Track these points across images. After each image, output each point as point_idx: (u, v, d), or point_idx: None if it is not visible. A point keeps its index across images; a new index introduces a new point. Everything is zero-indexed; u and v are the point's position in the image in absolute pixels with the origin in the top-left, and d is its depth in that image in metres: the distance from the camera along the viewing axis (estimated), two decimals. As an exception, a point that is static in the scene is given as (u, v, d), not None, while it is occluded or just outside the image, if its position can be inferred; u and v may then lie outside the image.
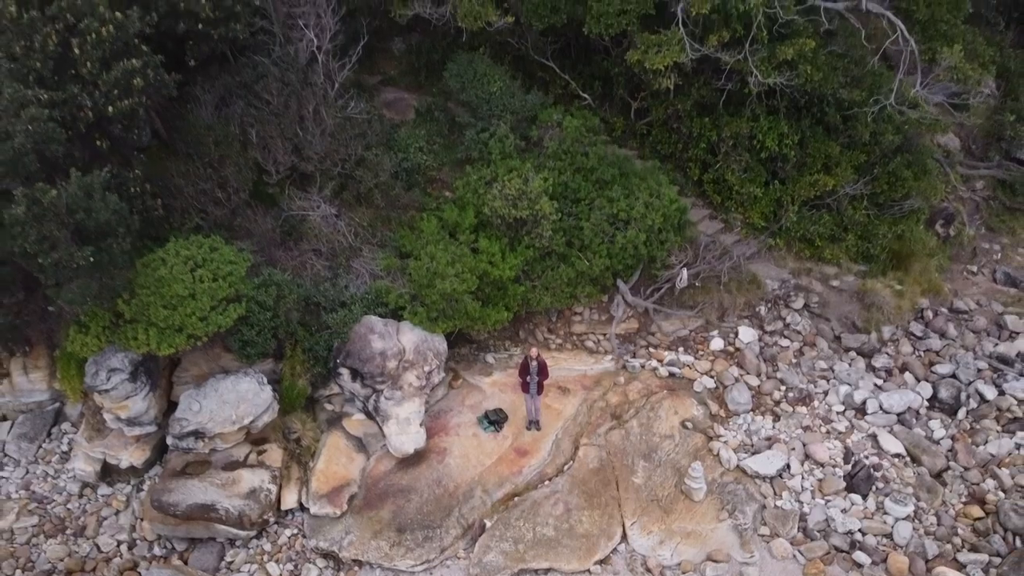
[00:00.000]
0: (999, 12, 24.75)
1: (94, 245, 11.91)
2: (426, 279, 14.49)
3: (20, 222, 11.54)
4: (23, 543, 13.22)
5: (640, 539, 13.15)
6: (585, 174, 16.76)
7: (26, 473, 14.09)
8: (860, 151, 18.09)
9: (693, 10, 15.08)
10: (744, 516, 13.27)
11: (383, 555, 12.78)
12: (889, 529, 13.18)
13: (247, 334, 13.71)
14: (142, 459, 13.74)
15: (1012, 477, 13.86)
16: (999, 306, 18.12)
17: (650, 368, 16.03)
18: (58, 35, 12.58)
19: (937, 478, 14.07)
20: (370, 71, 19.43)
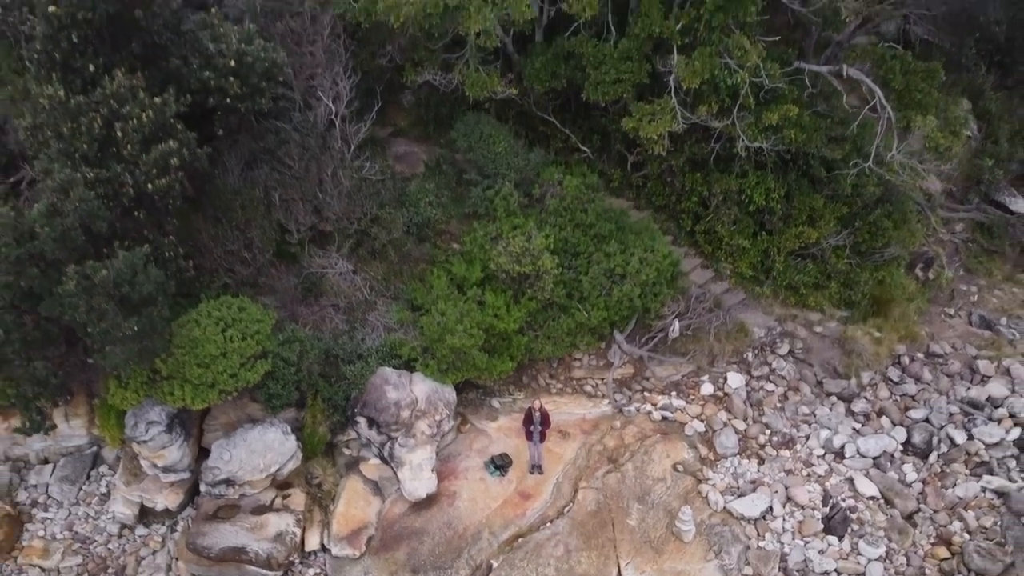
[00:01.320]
0: (980, 57, 25.92)
1: (137, 315, 13.10)
2: (437, 334, 15.69)
3: (72, 296, 12.74)
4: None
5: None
6: (584, 229, 17.97)
7: (69, 515, 15.29)
8: (843, 203, 19.25)
9: (684, 84, 16.27)
10: (729, 557, 14.47)
11: (399, 594, 14.00)
12: (862, 569, 14.38)
13: (273, 388, 14.91)
14: (176, 502, 14.95)
15: (977, 519, 15.07)
16: (973, 349, 19.30)
17: (644, 412, 17.22)
18: (102, 119, 13.78)
19: (908, 520, 15.25)
20: (382, 123, 20.50)
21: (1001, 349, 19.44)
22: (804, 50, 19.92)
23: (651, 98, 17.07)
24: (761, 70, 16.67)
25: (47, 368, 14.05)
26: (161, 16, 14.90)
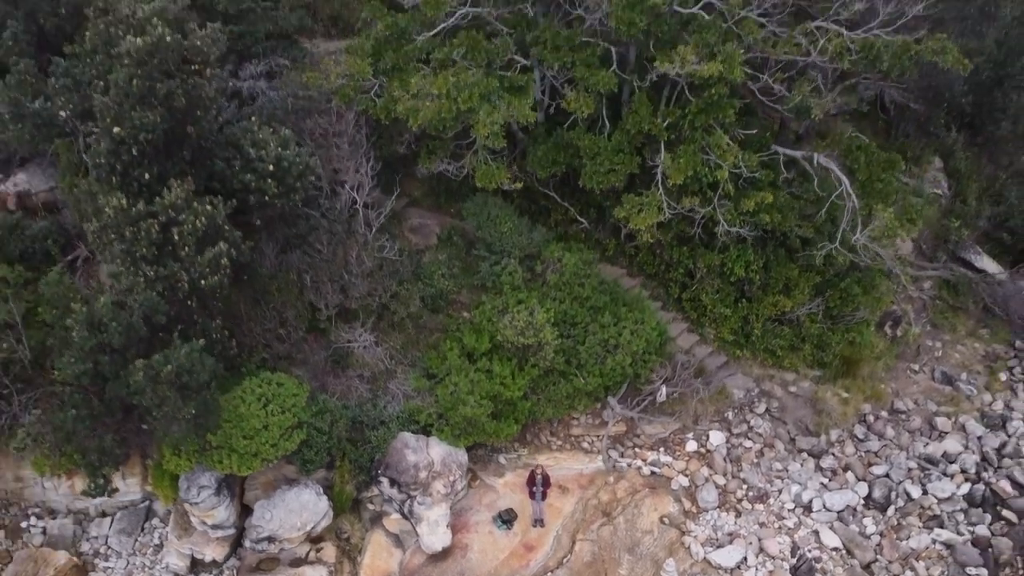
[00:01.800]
0: (951, 118, 27.92)
1: (194, 399, 15.17)
2: (450, 403, 17.77)
3: (139, 385, 14.82)
4: (130, 626, 16.53)
5: (624, 624, 16.44)
6: (581, 302, 20.02)
7: (127, 564, 17.38)
8: (816, 272, 21.27)
9: (670, 180, 18.32)
10: (708, 603, 16.55)
11: (419, 637, 16.08)
12: (824, 616, 16.45)
13: (307, 454, 16.99)
14: (223, 554, 17.04)
15: (927, 569, 17.11)
16: (934, 405, 21.37)
17: (635, 467, 19.29)
18: (160, 225, 15.84)
19: (866, 569, 17.31)
20: (398, 184, 22.64)
21: (959, 405, 21.53)
22: (781, 134, 22.01)
23: (640, 190, 19.09)
24: (740, 161, 18.72)
25: (114, 441, 16.15)
26: (209, 128, 16.99)
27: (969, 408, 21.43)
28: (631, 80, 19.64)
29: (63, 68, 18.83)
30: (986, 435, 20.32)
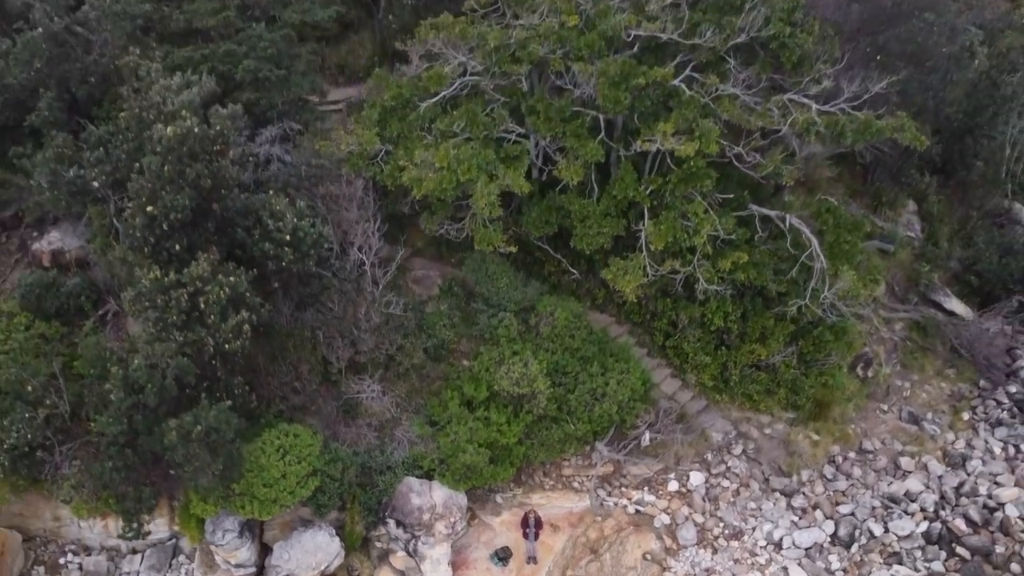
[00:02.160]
0: (924, 163, 29.42)
1: (221, 454, 16.87)
2: (451, 451, 19.48)
3: (172, 444, 16.53)
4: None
5: (609, 652, 18.12)
6: (572, 352, 21.69)
7: (157, 599, 19.08)
8: (790, 321, 22.90)
9: (652, 246, 20.01)
10: (685, 636, 18.23)
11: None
12: (791, 647, 18.12)
13: (321, 499, 18.68)
14: (244, 590, 18.72)
15: (885, 604, 18.79)
16: (899, 445, 23.03)
17: (621, 506, 20.98)
18: (188, 295, 17.53)
19: (830, 603, 18.98)
20: (402, 241, 24.30)
21: (923, 444, 23.20)
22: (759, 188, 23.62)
23: (626, 254, 20.75)
24: (717, 225, 20.40)
25: (148, 491, 17.86)
26: (232, 202, 18.69)
27: (932, 447, 23.11)
28: (617, 148, 21.33)
29: (96, 138, 20.57)
30: (946, 474, 21.99)
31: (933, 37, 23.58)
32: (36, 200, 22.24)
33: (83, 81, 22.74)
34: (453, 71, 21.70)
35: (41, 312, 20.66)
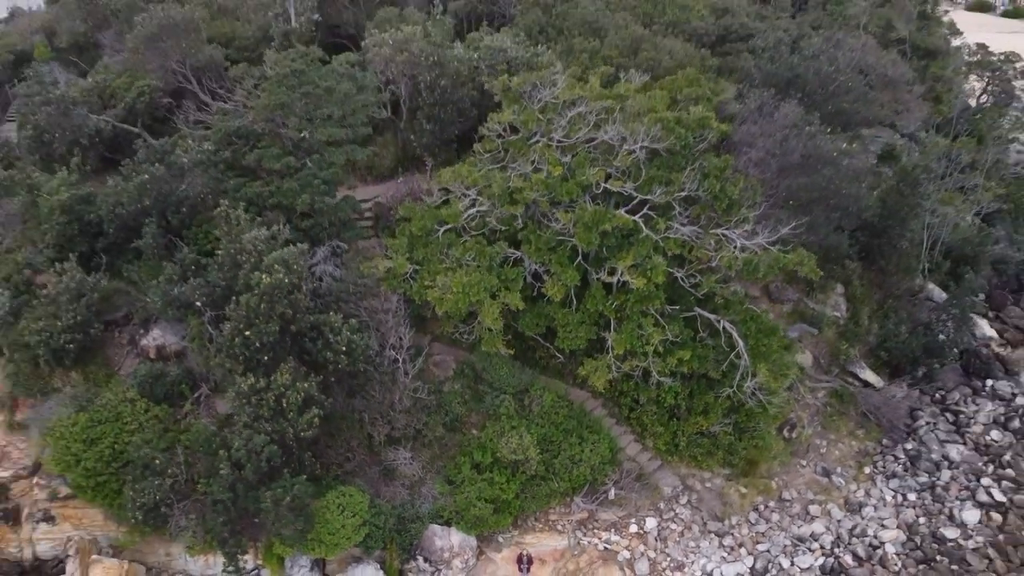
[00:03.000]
0: (852, 247, 35.90)
1: (301, 515, 23.47)
2: (464, 505, 26.13)
3: (267, 508, 23.16)
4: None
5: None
6: (556, 426, 28.32)
7: (247, 615, 25.64)
8: (727, 398, 29.47)
9: (615, 349, 26.63)
10: (637, 644, 24.81)
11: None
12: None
13: (369, 542, 25.28)
14: (312, 610, 25.35)
15: (786, 621, 25.38)
16: (811, 494, 29.63)
17: (593, 544, 27.56)
18: (275, 397, 24.14)
19: (746, 620, 25.56)
20: (424, 332, 30.88)
21: (830, 494, 29.82)
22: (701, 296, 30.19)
23: (596, 355, 27.37)
24: (667, 332, 26.98)
25: (246, 538, 24.50)
26: (303, 323, 25.31)
27: (837, 496, 29.73)
28: (592, 271, 27.93)
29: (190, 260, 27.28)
30: (844, 518, 28.66)
31: (835, 182, 30.12)
32: (142, 305, 28.97)
33: (176, 211, 29.43)
34: (465, 207, 28.38)
35: (153, 396, 27.27)
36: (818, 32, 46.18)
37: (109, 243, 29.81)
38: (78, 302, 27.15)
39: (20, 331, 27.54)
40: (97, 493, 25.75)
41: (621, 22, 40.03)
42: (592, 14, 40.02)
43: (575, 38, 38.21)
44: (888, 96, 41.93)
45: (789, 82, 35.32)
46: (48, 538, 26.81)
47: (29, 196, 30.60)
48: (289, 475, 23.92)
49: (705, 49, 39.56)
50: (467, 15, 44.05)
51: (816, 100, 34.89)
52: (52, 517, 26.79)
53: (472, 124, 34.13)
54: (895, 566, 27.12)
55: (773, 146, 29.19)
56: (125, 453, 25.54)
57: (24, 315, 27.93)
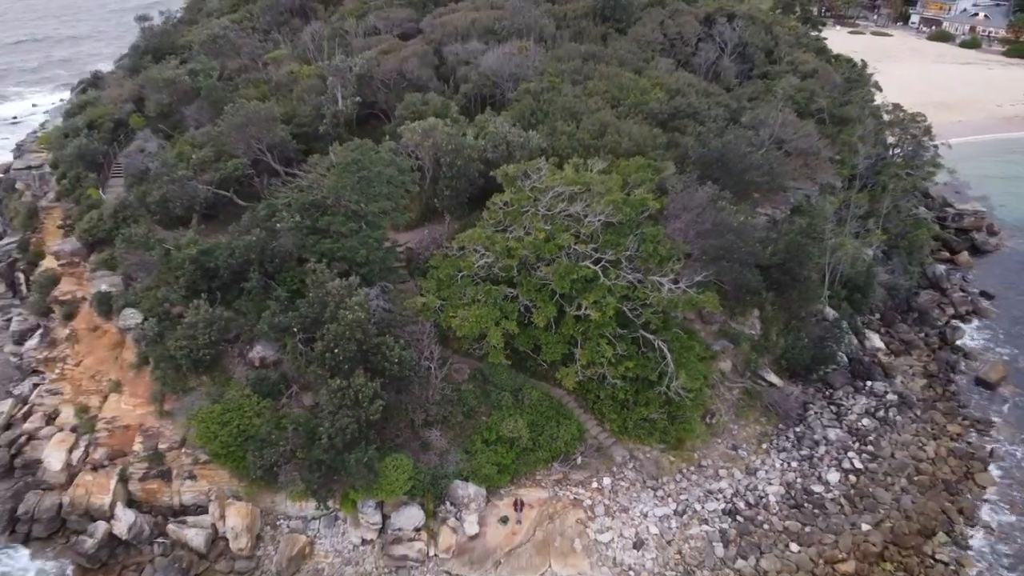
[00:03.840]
0: (765, 281, 48.00)
1: (373, 471, 35.63)
2: (477, 468, 38.27)
3: (352, 468, 35.32)
4: None
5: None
6: (541, 414, 40.50)
7: (331, 541, 37.70)
8: (661, 395, 41.63)
9: (581, 360, 38.81)
10: (597, 561, 36.95)
11: None
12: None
13: (414, 491, 37.34)
14: (374, 536, 37.48)
15: (694, 543, 37.55)
16: (722, 463, 41.84)
17: (566, 495, 39.61)
18: (353, 392, 36.22)
19: (668, 544, 37.71)
20: (448, 347, 42.96)
21: (736, 462, 42.05)
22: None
23: (569, 364, 39.59)
24: (617, 349, 39.17)
25: (333, 488, 36.64)
26: (370, 343, 37.43)
27: (740, 464, 41.94)
28: (566, 305, 40.09)
29: (284, 298, 39.42)
30: (743, 478, 40.84)
31: (736, 243, 42.35)
32: (248, 328, 41.13)
33: (271, 261, 41.60)
34: (476, 260, 40.57)
35: (260, 393, 39.40)
36: (753, 104, 58.62)
37: (223, 283, 41.90)
38: (211, 327, 39.30)
39: (167, 347, 39.75)
40: (228, 459, 37.88)
41: (594, 106, 52.27)
42: (571, 101, 52.28)
43: (558, 121, 50.47)
44: (799, 162, 54.37)
45: (716, 160, 47.59)
46: (191, 491, 38.90)
47: (162, 250, 42.75)
48: (363, 445, 36.05)
49: (658, 128, 51.81)
50: (475, 96, 56.33)
51: (734, 173, 47.14)
52: (194, 476, 38.92)
53: (480, 188, 46.41)
54: (774, 509, 39.36)
55: (693, 217, 41.42)
56: (247, 431, 37.65)
57: (167, 336, 40.13)
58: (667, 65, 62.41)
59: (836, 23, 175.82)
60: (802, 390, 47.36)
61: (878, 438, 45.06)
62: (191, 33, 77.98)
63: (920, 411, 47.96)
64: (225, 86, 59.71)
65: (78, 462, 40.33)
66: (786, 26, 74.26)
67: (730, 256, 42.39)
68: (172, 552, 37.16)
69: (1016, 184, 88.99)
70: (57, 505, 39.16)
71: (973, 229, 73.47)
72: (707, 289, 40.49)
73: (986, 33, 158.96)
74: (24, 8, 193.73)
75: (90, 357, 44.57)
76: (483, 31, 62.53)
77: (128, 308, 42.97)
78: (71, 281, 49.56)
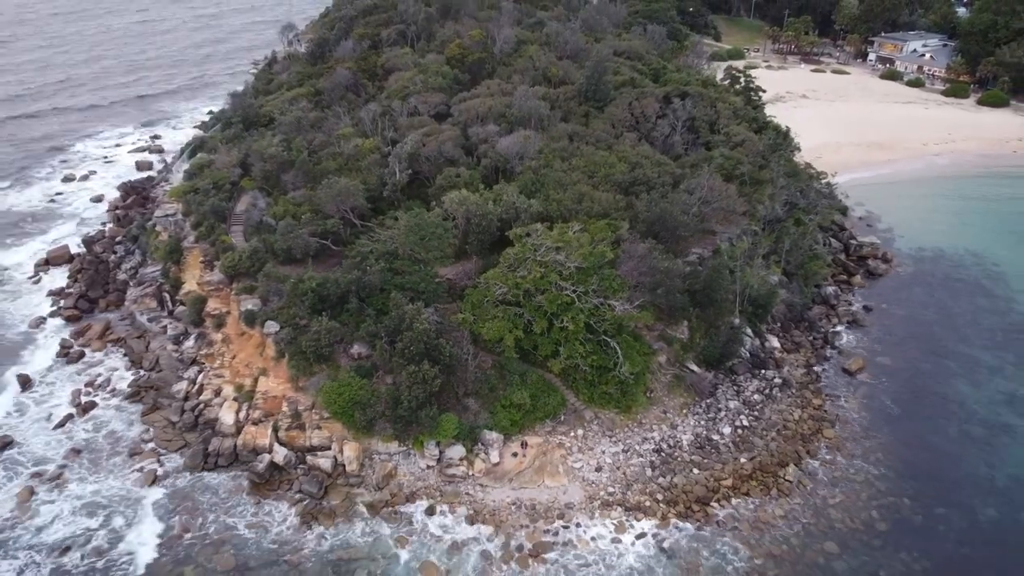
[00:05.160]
0: (692, 302, 71.11)
1: (436, 421, 58.49)
2: (499, 422, 61.16)
3: (423, 422, 58.17)
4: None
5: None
6: (538, 389, 63.34)
7: (406, 467, 60.51)
8: (615, 377, 64.37)
9: (563, 355, 61.67)
10: (570, 482, 59.74)
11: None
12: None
13: (459, 435, 60.21)
14: (435, 463, 60.35)
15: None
16: (655, 422, 64.64)
17: (555, 441, 62.38)
18: (421, 375, 59.01)
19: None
20: (478, 346, 65.73)
21: (664, 422, 64.88)
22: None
23: (556, 357, 62.44)
24: (587, 349, 61.95)
25: (411, 432, 59.56)
26: (431, 342, 60.24)
27: (667, 422, 64.67)
28: (554, 319, 62.85)
29: (374, 316, 62.49)
30: (667, 431, 63.58)
31: (664, 281, 65.02)
32: (349, 334, 64.02)
33: (364, 289, 64.59)
34: (495, 291, 63.40)
35: (359, 375, 62.28)
36: (693, 171, 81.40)
37: (332, 304, 64.80)
38: (329, 333, 62.22)
39: (299, 346, 62.72)
40: (342, 416, 60.72)
41: (575, 179, 75.18)
42: (559, 175, 75.19)
43: (550, 191, 73.33)
44: (721, 216, 77.20)
45: (656, 219, 70.39)
46: (318, 436, 61.59)
47: (292, 282, 65.72)
48: (428, 407, 58.86)
49: (620, 194, 74.62)
50: (492, 167, 79.19)
51: (670, 229, 69.97)
52: (320, 427, 61.75)
53: (497, 238, 69.26)
54: (686, 449, 62.03)
55: (636, 263, 64.14)
56: (353, 398, 60.48)
57: (299, 339, 63.09)
58: (632, 139, 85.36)
59: (802, 60, 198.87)
60: (714, 375, 70.07)
61: (763, 407, 67.79)
62: (269, 104, 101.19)
63: (796, 390, 70.71)
64: (312, 158, 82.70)
65: (243, 419, 63.14)
66: (727, 102, 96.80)
67: (661, 287, 65.17)
68: (310, 473, 59.95)
69: (919, 217, 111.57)
70: (232, 446, 61.92)
71: (869, 257, 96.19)
72: (645, 309, 63.26)
73: (930, 72, 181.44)
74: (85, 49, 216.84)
75: (241, 353, 67.54)
76: (497, 115, 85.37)
77: (269, 320, 65.85)
78: (217, 301, 72.64)
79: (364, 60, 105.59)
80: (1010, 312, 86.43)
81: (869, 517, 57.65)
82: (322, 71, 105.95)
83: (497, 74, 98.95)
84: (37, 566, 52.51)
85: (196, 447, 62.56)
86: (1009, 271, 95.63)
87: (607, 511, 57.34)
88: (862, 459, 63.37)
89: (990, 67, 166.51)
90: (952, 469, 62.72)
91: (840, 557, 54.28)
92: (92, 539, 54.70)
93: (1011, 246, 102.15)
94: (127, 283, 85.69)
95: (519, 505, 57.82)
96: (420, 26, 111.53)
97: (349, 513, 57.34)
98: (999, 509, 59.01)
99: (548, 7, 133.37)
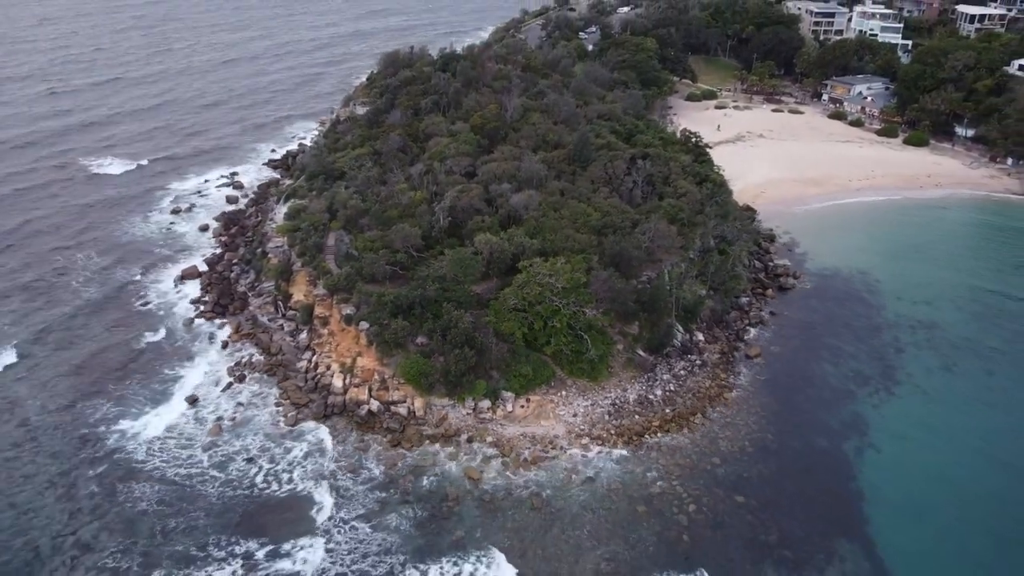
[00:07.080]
0: (640, 309, 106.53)
1: (474, 385, 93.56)
2: (512, 386, 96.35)
3: (470, 385, 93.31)
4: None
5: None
6: (538, 365, 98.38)
7: (453, 416, 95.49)
8: (587, 359, 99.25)
9: (554, 343, 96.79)
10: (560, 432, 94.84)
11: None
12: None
13: (486, 393, 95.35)
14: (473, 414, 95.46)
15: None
16: (613, 388, 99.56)
17: (548, 399, 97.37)
18: (464, 355, 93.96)
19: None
20: (500, 337, 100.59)
21: (618, 387, 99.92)
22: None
23: (548, 345, 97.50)
24: (568, 339, 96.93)
25: (454, 392, 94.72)
26: (470, 335, 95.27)
27: (620, 388, 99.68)
28: (548, 320, 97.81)
29: (432, 317, 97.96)
30: (620, 393, 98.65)
31: (619, 296, 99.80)
32: (415, 330, 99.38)
33: (423, 300, 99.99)
34: (510, 301, 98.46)
35: (422, 355, 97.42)
36: (647, 217, 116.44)
37: (403, 310, 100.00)
38: (403, 330, 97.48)
39: (383, 338, 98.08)
40: (413, 382, 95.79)
41: (564, 225, 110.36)
42: (552, 223, 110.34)
43: (547, 234, 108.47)
44: (664, 249, 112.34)
45: (617, 254, 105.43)
46: (397, 394, 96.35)
47: (376, 297, 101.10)
48: (467, 376, 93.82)
49: (594, 236, 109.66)
50: (506, 217, 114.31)
51: (626, 260, 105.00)
52: (398, 388, 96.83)
53: (510, 265, 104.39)
54: (631, 404, 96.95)
55: (599, 284, 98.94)
56: (420, 370, 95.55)
57: (383, 333, 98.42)
58: (605, 192, 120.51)
59: (764, 101, 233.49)
60: (655, 358, 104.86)
61: (686, 379, 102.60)
62: (340, 160, 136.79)
63: (710, 368, 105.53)
64: (380, 207, 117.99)
65: (348, 384, 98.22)
66: (679, 160, 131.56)
67: (618, 299, 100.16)
68: (394, 417, 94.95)
69: (829, 242, 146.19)
70: (342, 401, 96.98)
71: (783, 275, 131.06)
72: (607, 314, 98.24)
73: (870, 113, 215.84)
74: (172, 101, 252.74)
75: (343, 343, 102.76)
76: (509, 176, 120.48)
77: (362, 321, 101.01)
78: (322, 308, 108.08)
79: (409, 126, 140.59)
80: (875, 316, 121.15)
81: (743, 444, 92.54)
82: (377, 134, 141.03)
83: (509, 139, 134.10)
84: (239, 469, 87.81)
85: (319, 402, 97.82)
86: (885, 285, 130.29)
87: (579, 440, 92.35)
88: (746, 412, 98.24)
89: (914, 112, 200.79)
90: (803, 417, 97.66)
91: (720, 467, 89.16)
92: (267, 451, 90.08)
93: (891, 265, 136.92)
94: (246, 294, 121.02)
95: (525, 436, 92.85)
96: (450, 96, 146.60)
97: (418, 441, 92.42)
98: (830, 441, 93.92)
99: (547, 75, 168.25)
